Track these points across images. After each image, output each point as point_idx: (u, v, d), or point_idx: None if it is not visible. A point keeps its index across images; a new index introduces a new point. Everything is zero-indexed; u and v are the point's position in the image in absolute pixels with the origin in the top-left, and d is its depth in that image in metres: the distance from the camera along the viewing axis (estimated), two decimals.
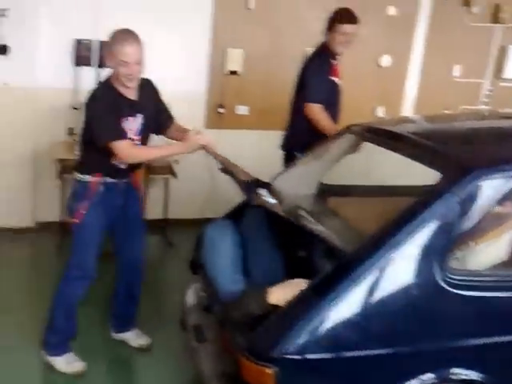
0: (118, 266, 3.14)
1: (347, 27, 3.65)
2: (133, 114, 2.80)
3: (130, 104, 2.79)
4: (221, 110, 5.04)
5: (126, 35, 2.66)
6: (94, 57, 4.61)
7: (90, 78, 4.64)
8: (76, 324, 3.08)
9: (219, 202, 5.15)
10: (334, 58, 3.81)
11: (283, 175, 3.13)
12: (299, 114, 3.78)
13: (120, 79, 2.70)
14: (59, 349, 3.01)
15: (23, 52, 4.47)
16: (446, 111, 5.11)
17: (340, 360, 2.04)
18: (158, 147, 3.06)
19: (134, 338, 3.28)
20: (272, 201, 2.58)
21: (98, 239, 2.93)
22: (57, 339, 3.00)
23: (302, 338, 1.99)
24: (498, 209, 2.36)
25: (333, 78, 3.80)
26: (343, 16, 3.68)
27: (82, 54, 4.62)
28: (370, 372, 2.10)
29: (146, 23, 4.57)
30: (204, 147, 2.82)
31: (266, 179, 3.08)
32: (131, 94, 2.79)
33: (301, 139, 3.67)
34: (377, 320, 2.07)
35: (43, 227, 4.80)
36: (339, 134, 3.16)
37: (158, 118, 2.97)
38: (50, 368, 3.00)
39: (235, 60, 4.98)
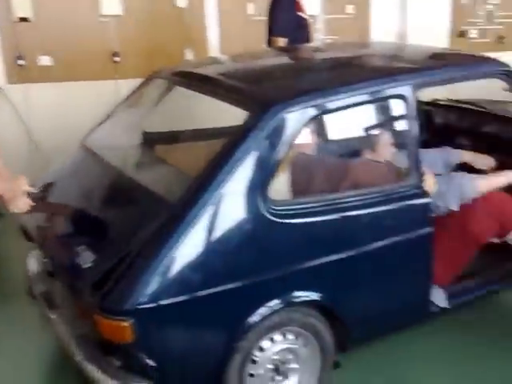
0: None
1: None
2: None
3: None
4: (21, 62, 4.68)
5: None
6: None
7: None
8: None
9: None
10: None
11: (104, 126, 3.06)
12: None
13: None
14: None
15: None
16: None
17: (192, 301, 2.10)
18: None
19: None
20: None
21: None
22: None
23: (151, 286, 2.03)
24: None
25: (299, 14, 4.01)
26: None
27: None
28: (222, 307, 2.19)
29: None
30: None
31: (79, 132, 3.07)
32: None
33: None
34: (218, 257, 2.14)
35: None
36: (148, 80, 3.12)
37: None
38: None
39: (21, 4, 4.58)
